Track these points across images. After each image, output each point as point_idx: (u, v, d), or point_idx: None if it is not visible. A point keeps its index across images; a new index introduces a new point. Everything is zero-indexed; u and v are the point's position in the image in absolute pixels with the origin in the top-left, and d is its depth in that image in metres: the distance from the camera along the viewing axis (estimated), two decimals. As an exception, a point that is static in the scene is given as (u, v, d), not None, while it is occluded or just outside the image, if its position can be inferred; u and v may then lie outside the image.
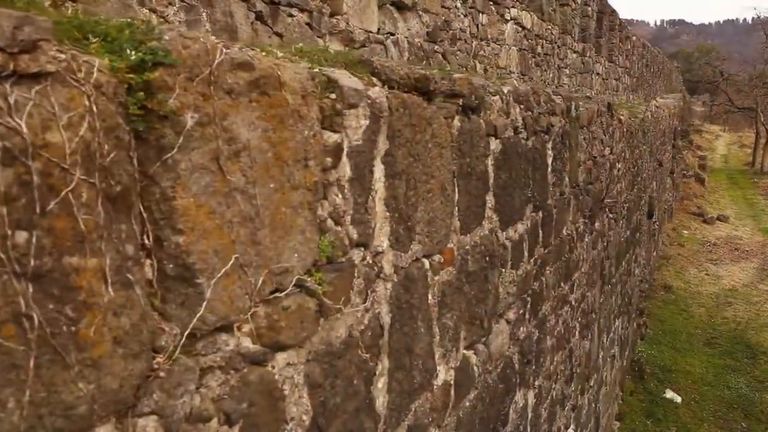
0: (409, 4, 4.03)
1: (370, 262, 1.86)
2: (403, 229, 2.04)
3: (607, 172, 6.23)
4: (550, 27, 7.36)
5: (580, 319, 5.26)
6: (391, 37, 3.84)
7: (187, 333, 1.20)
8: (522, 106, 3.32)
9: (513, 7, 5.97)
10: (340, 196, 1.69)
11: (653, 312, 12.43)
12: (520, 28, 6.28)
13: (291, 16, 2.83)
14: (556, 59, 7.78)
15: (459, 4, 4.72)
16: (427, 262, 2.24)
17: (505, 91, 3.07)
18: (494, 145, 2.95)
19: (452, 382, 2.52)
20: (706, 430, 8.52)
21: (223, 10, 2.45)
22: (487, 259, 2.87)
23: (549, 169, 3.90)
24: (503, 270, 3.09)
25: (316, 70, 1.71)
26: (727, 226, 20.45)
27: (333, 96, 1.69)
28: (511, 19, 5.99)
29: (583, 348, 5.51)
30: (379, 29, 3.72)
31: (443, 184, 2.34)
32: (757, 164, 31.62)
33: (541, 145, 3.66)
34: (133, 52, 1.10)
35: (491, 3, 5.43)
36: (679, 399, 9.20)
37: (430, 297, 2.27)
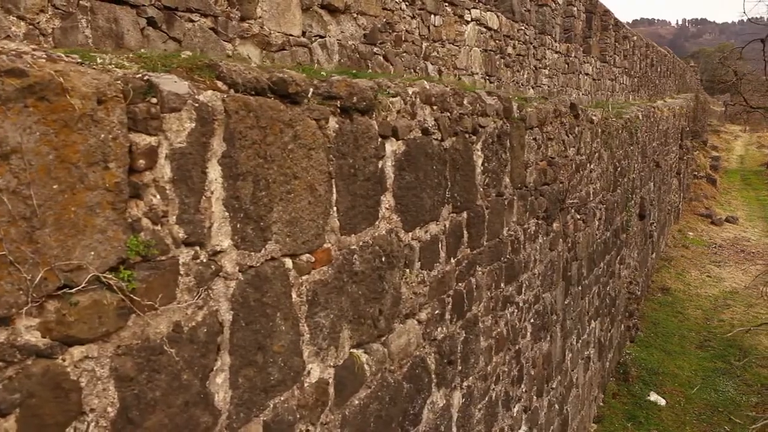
0: (342, 7, 4.06)
1: (205, 260, 1.92)
2: (251, 228, 2.09)
3: (571, 173, 6.20)
4: (523, 27, 7.32)
5: (533, 320, 5.24)
6: (319, 39, 3.88)
7: (-67, 326, 1.26)
8: (435, 107, 3.35)
9: (474, 8, 5.95)
10: (158, 196, 1.75)
11: (647, 314, 12.29)
12: (484, 29, 6.26)
13: (191, 21, 2.89)
14: (532, 60, 7.72)
15: (404, 6, 4.74)
16: (289, 261, 2.28)
17: (410, 93, 3.10)
18: (395, 146, 2.98)
19: (331, 380, 2.56)
20: (687, 433, 8.42)
21: (107, 17, 2.51)
22: (383, 259, 2.90)
23: (478, 171, 3.91)
24: (407, 270, 3.12)
25: (139, 75, 1.77)
26: (736, 228, 20.10)
27: (154, 100, 1.75)
28: (473, 20, 5.97)
29: (539, 350, 5.50)
30: (304, 32, 3.76)
31: (312, 185, 2.38)
32: (773, 165, 30.94)
33: (464, 146, 3.67)
34: None
35: (446, 4, 5.43)
36: (663, 402, 9.09)
37: (294, 296, 2.31)
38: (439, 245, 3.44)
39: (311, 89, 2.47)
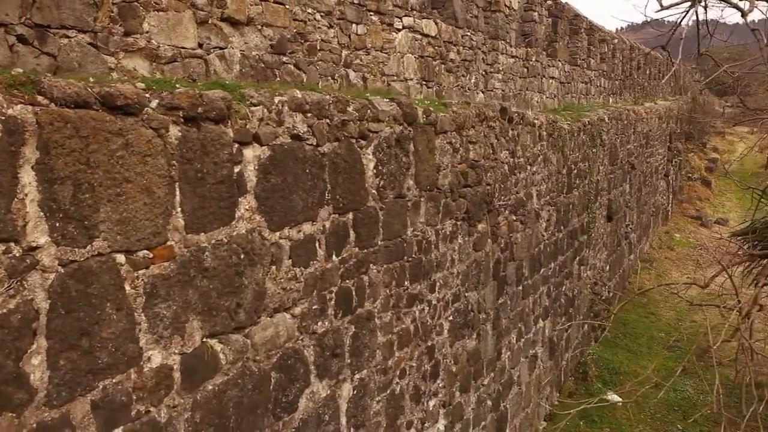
0: (244, 20, 4.29)
1: (18, 255, 2.16)
2: (73, 227, 2.33)
3: (503, 176, 6.38)
4: (469, 33, 7.51)
5: (452, 318, 5.44)
6: (218, 51, 4.12)
7: None
8: (309, 114, 3.57)
9: (407, 16, 6.17)
10: (-39, 198, 2.00)
11: (617, 314, 12.38)
12: (419, 36, 6.46)
13: (66, 37, 3.13)
14: (481, 65, 7.90)
15: (319, 17, 4.97)
16: (121, 257, 2.52)
17: (276, 101, 3.34)
18: (258, 151, 3.22)
19: (177, 366, 2.79)
20: (639, 431, 8.55)
21: (-31, 34, 2.78)
22: (242, 256, 3.13)
23: (369, 174, 4.13)
24: (273, 267, 3.35)
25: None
26: (725, 230, 20.05)
27: (-42, 114, 2.01)
28: (405, 27, 6.17)
29: (461, 347, 5.69)
30: (201, 44, 3.99)
31: (149, 188, 2.62)
32: (773, 166, 30.72)
33: (347, 150, 3.89)
34: None
35: (372, 14, 5.65)
36: (619, 401, 9.22)
37: (128, 288, 2.55)
38: (316, 244, 3.66)
39: (156, 101, 2.72)
